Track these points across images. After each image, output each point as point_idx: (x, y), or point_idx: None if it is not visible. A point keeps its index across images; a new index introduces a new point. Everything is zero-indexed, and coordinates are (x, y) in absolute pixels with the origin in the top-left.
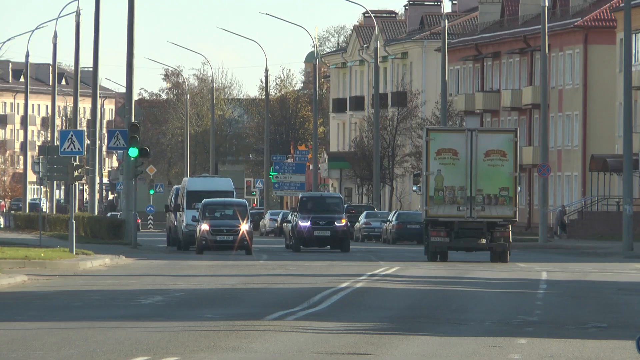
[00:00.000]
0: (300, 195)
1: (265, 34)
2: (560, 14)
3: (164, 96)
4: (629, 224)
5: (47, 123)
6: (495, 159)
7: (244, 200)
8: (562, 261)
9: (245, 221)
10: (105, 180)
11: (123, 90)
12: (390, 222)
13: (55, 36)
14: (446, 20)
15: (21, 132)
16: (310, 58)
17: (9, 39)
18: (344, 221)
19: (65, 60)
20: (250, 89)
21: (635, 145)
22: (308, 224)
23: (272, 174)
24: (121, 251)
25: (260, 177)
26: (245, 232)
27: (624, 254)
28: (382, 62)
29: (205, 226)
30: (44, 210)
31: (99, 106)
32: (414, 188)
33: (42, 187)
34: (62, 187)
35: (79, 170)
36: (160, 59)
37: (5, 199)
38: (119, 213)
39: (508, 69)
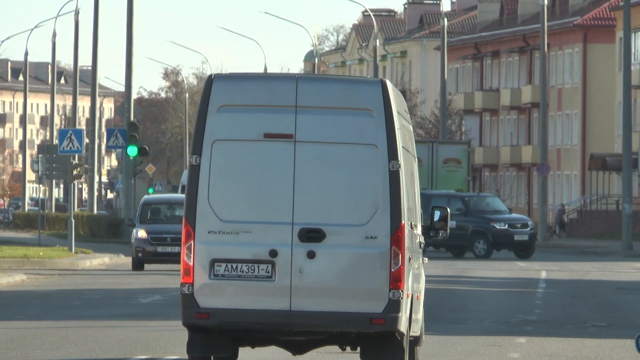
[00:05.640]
0: None
1: (264, 32)
2: (560, 12)
3: (163, 95)
4: (629, 222)
5: (46, 122)
6: (452, 166)
7: None
8: (561, 260)
9: None
10: (104, 179)
11: (122, 89)
12: None
13: (54, 35)
14: (445, 19)
15: (20, 131)
16: (309, 57)
17: (8, 38)
18: None
19: (65, 59)
20: None
21: (634, 144)
22: None
23: None
24: (120, 250)
25: None
26: None
27: (623, 253)
28: (381, 60)
29: (142, 233)
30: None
31: (98, 105)
32: None
33: (41, 185)
34: (61, 185)
35: (78, 169)
36: (159, 57)
37: (4, 198)
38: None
39: (507, 68)
